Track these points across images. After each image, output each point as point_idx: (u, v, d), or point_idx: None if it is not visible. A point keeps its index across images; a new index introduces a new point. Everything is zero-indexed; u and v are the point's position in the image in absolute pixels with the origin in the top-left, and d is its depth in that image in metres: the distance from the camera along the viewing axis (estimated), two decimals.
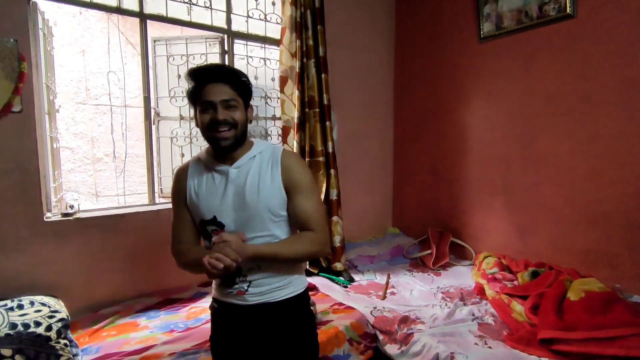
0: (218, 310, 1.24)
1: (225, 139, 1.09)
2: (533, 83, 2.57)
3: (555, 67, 2.44)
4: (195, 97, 1.10)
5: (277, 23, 2.90)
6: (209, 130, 1.09)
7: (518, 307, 2.00)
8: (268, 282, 1.15)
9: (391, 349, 1.88)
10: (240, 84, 1.11)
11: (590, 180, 2.32)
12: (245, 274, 1.14)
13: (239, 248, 1.02)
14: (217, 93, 1.07)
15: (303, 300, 1.23)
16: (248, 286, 1.15)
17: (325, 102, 2.75)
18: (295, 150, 2.73)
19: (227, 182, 1.13)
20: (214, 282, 1.24)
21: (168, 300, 2.26)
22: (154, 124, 2.58)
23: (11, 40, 1.84)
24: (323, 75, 2.74)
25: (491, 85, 2.82)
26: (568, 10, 2.32)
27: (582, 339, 1.61)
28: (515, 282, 2.36)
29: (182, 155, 2.77)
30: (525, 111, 2.63)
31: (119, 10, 2.32)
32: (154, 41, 2.70)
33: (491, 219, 2.87)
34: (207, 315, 2.06)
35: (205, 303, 2.23)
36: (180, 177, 1.21)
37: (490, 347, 1.74)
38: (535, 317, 1.86)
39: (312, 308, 1.31)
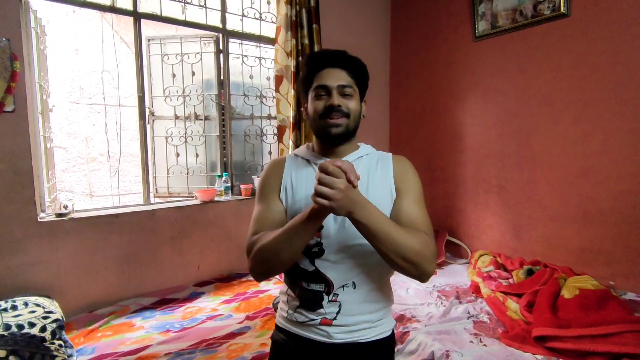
0: (287, 345, 1.02)
1: (337, 126, 0.97)
2: (527, 82, 2.58)
3: (550, 65, 2.46)
4: (309, 82, 1.01)
5: (272, 22, 2.90)
6: (321, 117, 0.98)
7: (513, 305, 2.01)
8: (360, 310, 0.97)
9: None
10: (359, 72, 1.02)
11: (584, 178, 2.33)
12: (337, 293, 0.96)
13: (350, 193, 0.80)
14: (333, 78, 0.98)
15: (391, 346, 1.06)
16: (337, 313, 0.96)
17: None
18: (290, 150, 2.73)
19: None
20: (283, 306, 1.05)
21: (164, 300, 2.26)
22: (148, 123, 2.57)
23: (3, 39, 1.82)
24: None
25: (486, 84, 2.83)
26: (562, 10, 2.34)
27: (576, 336, 1.62)
28: (511, 280, 2.37)
29: (177, 154, 2.76)
30: (519, 110, 2.64)
31: (112, 9, 2.30)
32: (148, 40, 2.68)
33: (486, 217, 2.89)
34: (203, 315, 2.07)
35: (202, 303, 2.22)
36: (277, 166, 1.06)
37: (485, 345, 1.74)
38: (530, 315, 1.87)
39: None
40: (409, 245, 0.85)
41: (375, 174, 1.01)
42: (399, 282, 2.57)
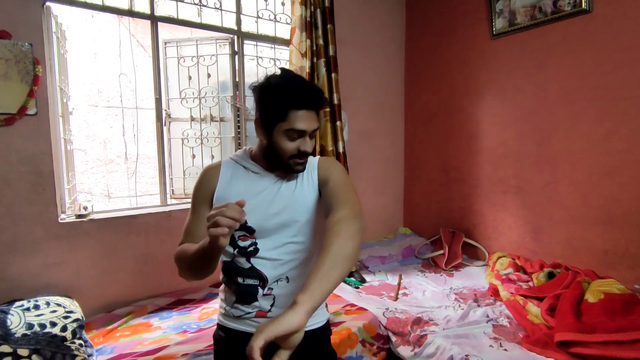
0: (225, 341, 1.09)
1: (302, 165, 1.05)
2: (547, 79, 2.52)
3: (571, 63, 2.39)
4: (281, 116, 0.98)
5: (287, 23, 2.90)
6: (291, 157, 1.02)
7: (534, 309, 1.96)
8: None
9: (404, 350, 1.86)
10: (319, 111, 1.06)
11: (608, 179, 2.26)
12: (272, 287, 1.02)
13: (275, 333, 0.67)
14: (309, 122, 1.00)
15: (327, 336, 1.12)
16: (272, 305, 1.02)
17: (336, 101, 2.74)
18: None
19: (265, 184, 1.06)
20: (222, 304, 1.11)
21: (180, 300, 2.27)
22: (165, 125, 2.60)
23: (26, 44, 1.86)
24: (333, 75, 2.73)
25: (504, 82, 2.77)
26: (583, 5, 2.27)
27: (602, 341, 1.57)
28: (531, 283, 2.32)
29: (193, 156, 2.78)
30: (539, 108, 2.58)
31: (130, 13, 2.33)
32: (165, 43, 2.71)
33: (504, 218, 2.83)
34: None
35: (218, 304, 2.23)
36: (210, 174, 1.08)
37: (505, 350, 1.70)
38: (552, 319, 1.82)
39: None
40: (347, 263, 0.79)
41: (303, 181, 1.07)
42: (415, 284, 2.54)
